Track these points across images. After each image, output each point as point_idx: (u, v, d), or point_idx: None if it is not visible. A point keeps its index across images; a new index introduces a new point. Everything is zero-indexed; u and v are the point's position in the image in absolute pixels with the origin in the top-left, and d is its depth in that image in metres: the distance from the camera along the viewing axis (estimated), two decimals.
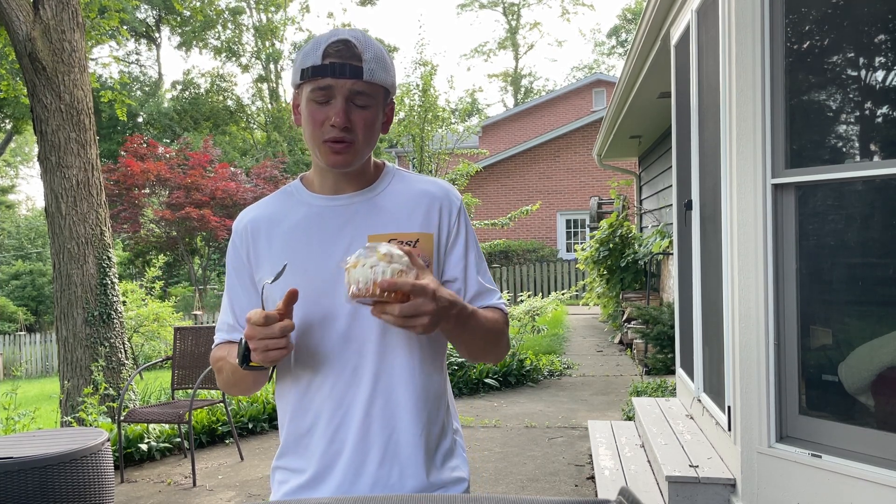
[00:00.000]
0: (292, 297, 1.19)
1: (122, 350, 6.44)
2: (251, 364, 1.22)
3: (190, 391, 5.01)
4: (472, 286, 1.36)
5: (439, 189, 1.37)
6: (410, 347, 1.30)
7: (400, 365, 1.29)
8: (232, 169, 20.91)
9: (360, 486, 1.28)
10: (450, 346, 1.52)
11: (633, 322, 8.05)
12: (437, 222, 1.34)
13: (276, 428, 5.82)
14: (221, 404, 5.14)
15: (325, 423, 1.29)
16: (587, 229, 15.21)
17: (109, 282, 6.36)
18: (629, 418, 5.05)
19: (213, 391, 5.90)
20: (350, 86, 1.24)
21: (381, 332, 1.28)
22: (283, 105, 33.67)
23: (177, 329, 5.30)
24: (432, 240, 1.33)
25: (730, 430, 2.90)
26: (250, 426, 5.69)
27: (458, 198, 1.39)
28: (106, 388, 6.10)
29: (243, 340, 1.22)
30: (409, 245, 1.30)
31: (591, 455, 4.40)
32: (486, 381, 6.86)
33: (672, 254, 6.58)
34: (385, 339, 1.29)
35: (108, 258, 6.41)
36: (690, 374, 3.94)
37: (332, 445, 1.29)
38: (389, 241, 1.28)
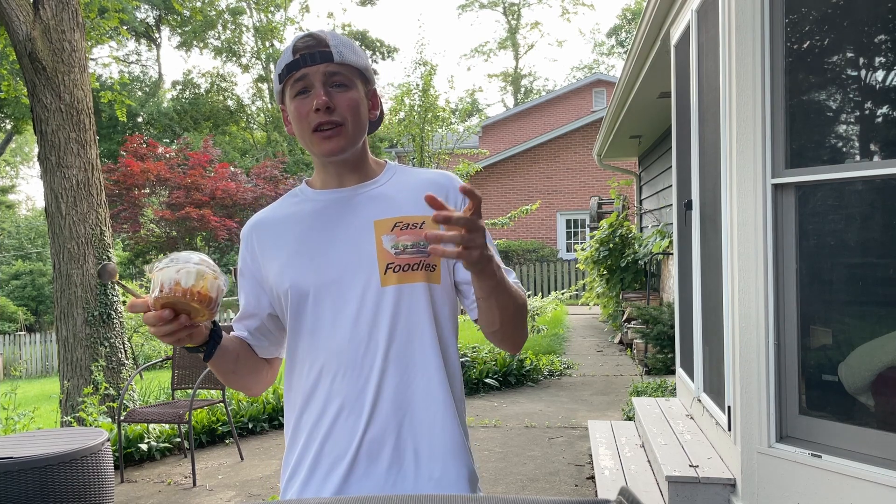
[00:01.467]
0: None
1: (122, 350, 6.44)
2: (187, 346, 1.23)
3: (190, 391, 5.01)
4: None
5: (443, 177, 1.38)
6: (422, 333, 1.29)
7: (412, 350, 1.28)
8: (232, 169, 20.89)
9: (372, 479, 1.26)
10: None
11: (633, 322, 8.05)
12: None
13: (276, 428, 5.82)
14: (221, 404, 5.14)
15: (335, 412, 1.28)
16: (587, 229, 15.21)
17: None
18: (629, 418, 5.05)
19: (213, 391, 5.90)
20: (323, 69, 1.27)
21: (392, 318, 1.28)
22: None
23: None
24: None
25: (730, 430, 2.90)
26: (250, 426, 5.69)
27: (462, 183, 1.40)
28: (106, 388, 6.10)
29: None
30: (416, 227, 1.30)
31: (591, 455, 4.40)
32: (486, 381, 6.86)
33: (672, 254, 6.58)
34: (396, 324, 1.28)
35: (108, 258, 6.41)
36: (690, 374, 3.94)
37: (345, 435, 1.27)
38: (395, 225, 1.29)
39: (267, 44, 33.62)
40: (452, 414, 1.30)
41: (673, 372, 5.66)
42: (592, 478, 4.04)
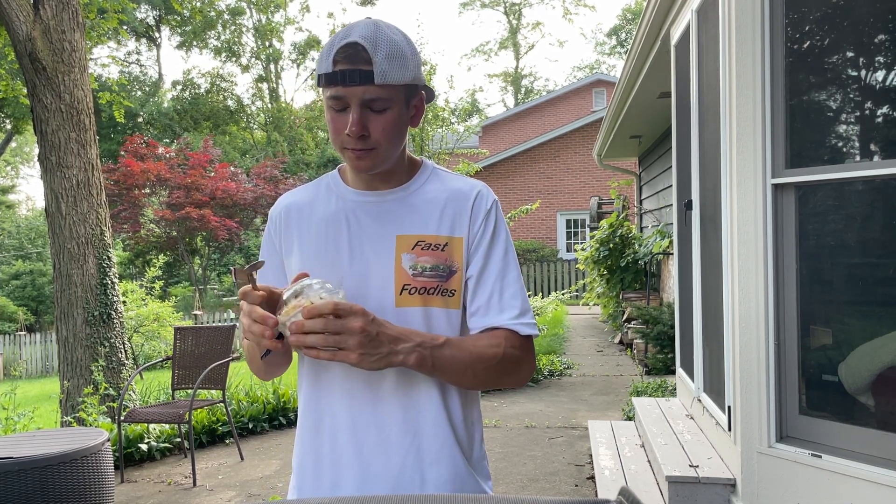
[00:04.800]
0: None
1: (122, 350, 6.44)
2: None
3: (190, 391, 5.01)
4: (486, 291, 1.28)
5: (473, 189, 1.33)
6: None
7: (420, 377, 1.25)
8: (232, 169, 20.89)
9: (383, 484, 1.25)
10: None
11: (633, 322, 8.04)
12: (468, 225, 1.29)
13: (276, 428, 5.82)
14: (221, 404, 5.14)
15: (342, 428, 1.26)
16: (587, 229, 15.20)
17: (109, 282, 6.36)
18: (629, 418, 5.05)
19: (213, 391, 5.90)
20: (361, 93, 1.18)
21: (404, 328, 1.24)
22: (283, 105, 33.65)
23: (177, 329, 5.30)
24: (462, 244, 1.29)
25: (730, 430, 2.90)
26: (250, 426, 5.69)
27: (492, 198, 1.33)
28: (106, 388, 6.10)
29: None
30: (437, 248, 1.27)
31: (591, 455, 4.40)
32: None
33: (672, 254, 6.58)
34: None
35: (108, 258, 6.41)
36: (690, 374, 3.94)
37: (352, 456, 1.25)
38: (417, 244, 1.27)
39: (267, 44, 33.62)
40: (455, 443, 1.27)
41: (673, 372, 5.66)
42: (592, 478, 4.04)
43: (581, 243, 13.96)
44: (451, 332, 1.27)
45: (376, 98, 1.19)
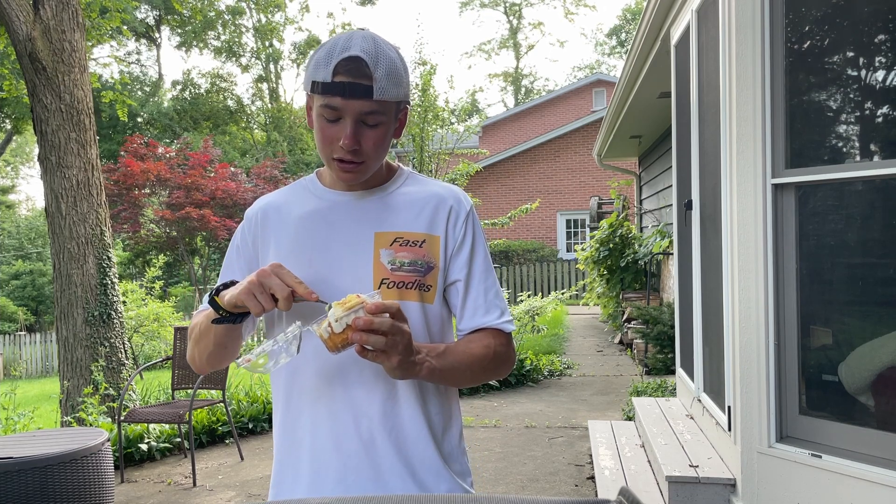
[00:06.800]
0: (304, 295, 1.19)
1: (122, 350, 6.44)
2: (215, 301, 1.21)
3: (190, 391, 5.01)
4: (471, 295, 1.34)
5: (450, 193, 1.36)
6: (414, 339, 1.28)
7: None
8: (232, 169, 20.88)
9: (363, 484, 1.26)
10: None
11: (633, 322, 8.05)
12: (445, 226, 1.33)
13: None
14: (221, 404, 5.14)
15: (321, 426, 1.27)
16: (587, 229, 15.21)
17: (109, 282, 6.36)
18: (629, 418, 5.05)
19: (213, 391, 5.90)
20: (359, 107, 1.21)
21: None
22: (283, 105, 33.66)
23: (177, 329, 5.30)
24: (439, 242, 1.32)
25: (730, 430, 2.90)
26: (250, 426, 5.69)
27: (469, 203, 1.38)
28: (106, 388, 6.10)
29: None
30: (416, 245, 1.30)
31: (591, 455, 4.40)
32: None
33: (672, 254, 6.58)
34: None
35: (108, 258, 6.41)
36: (690, 374, 3.94)
37: (332, 454, 1.26)
38: (395, 240, 1.29)
39: (267, 44, 33.62)
40: (431, 436, 1.30)
41: (673, 372, 5.66)
42: (592, 478, 4.04)
43: (581, 243, 13.97)
44: (425, 326, 1.30)
45: (372, 112, 1.22)
